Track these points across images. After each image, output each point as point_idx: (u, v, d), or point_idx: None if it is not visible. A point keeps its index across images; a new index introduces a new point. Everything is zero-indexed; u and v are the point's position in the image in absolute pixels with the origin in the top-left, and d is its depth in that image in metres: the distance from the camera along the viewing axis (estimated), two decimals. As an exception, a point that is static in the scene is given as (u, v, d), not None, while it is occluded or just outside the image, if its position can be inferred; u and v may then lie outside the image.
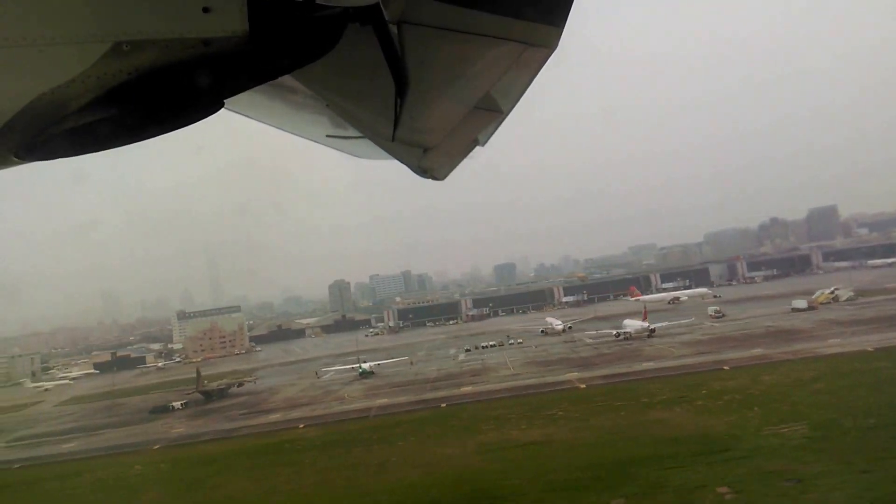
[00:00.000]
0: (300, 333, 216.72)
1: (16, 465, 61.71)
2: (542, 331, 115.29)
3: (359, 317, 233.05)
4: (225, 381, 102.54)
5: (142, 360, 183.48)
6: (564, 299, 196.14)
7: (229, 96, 3.44)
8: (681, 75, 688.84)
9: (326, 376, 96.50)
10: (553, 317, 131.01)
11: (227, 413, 77.56)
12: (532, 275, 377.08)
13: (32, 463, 61.53)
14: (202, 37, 2.98)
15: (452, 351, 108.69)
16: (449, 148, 6.04)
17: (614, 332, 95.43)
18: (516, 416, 52.41)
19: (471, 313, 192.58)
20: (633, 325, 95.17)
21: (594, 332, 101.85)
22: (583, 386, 62.55)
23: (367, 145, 6.12)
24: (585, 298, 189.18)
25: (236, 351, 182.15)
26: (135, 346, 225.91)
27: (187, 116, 3.34)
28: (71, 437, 74.32)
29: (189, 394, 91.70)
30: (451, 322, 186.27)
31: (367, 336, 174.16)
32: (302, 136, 6.49)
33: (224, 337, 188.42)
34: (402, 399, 68.92)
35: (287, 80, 4.02)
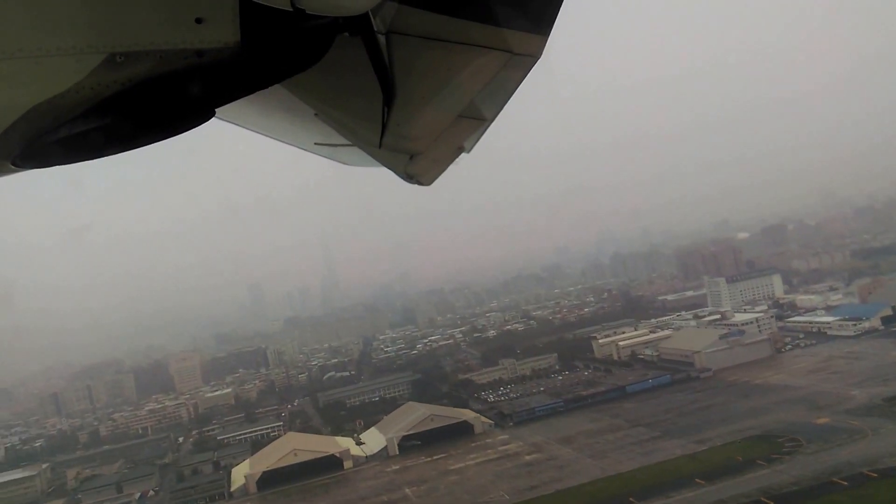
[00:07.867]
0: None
1: None
2: None
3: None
4: None
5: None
6: None
7: (221, 105, 3.49)
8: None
9: None
10: None
11: None
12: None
13: None
14: (195, 47, 3.03)
15: None
16: (435, 154, 6.11)
17: None
18: None
19: None
20: None
21: None
22: None
23: (354, 153, 6.17)
24: None
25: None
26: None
27: (179, 126, 3.38)
28: None
29: None
30: None
31: None
32: (290, 144, 6.52)
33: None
34: None
35: (276, 89, 4.07)
